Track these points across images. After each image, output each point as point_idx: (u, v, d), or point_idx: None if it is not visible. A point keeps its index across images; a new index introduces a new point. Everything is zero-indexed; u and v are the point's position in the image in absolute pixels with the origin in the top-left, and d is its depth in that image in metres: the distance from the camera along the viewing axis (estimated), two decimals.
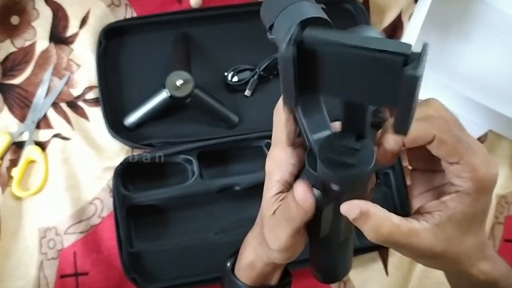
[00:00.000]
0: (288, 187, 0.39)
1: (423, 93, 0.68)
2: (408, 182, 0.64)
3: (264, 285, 0.48)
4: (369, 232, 0.34)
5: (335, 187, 0.34)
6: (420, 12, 0.68)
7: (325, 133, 0.35)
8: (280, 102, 0.38)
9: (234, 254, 0.50)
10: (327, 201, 0.36)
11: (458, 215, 0.35)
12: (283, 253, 0.41)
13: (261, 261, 0.45)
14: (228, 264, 0.50)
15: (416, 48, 0.28)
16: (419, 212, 0.37)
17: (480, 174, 0.35)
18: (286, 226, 0.38)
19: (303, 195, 0.36)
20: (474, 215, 0.36)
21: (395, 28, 0.71)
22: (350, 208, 0.34)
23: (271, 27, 0.36)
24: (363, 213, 0.34)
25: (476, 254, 0.38)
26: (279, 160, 0.38)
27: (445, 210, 0.36)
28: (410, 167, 0.42)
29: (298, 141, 0.39)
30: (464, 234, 0.36)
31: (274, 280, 0.48)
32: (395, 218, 0.35)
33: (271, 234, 0.40)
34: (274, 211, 0.39)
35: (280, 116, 0.38)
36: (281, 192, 0.39)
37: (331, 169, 0.32)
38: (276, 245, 0.40)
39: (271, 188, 0.39)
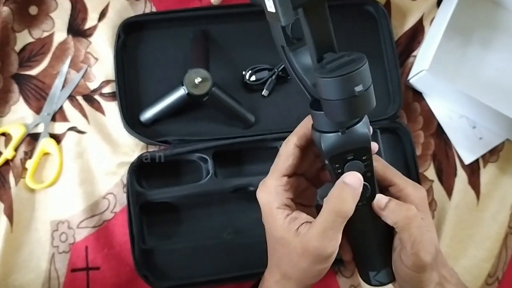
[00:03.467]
0: (290, 211, 0.43)
1: (443, 101, 0.67)
2: None
3: None
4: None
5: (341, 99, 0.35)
6: (442, 17, 0.67)
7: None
8: (292, 135, 0.44)
9: None
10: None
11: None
12: (331, 258, 0.42)
13: None
14: None
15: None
16: None
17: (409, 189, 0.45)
18: (336, 222, 0.40)
19: (355, 178, 0.40)
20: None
21: (416, 33, 0.70)
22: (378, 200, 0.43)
23: None
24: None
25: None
26: (274, 189, 0.43)
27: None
28: None
29: (294, 172, 0.44)
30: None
31: None
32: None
33: (319, 243, 0.40)
34: (297, 228, 0.42)
35: (288, 148, 0.43)
36: (287, 215, 0.42)
37: (337, 74, 0.34)
38: (330, 248, 0.41)
39: (276, 215, 0.42)
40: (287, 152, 0.43)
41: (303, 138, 0.43)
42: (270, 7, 0.34)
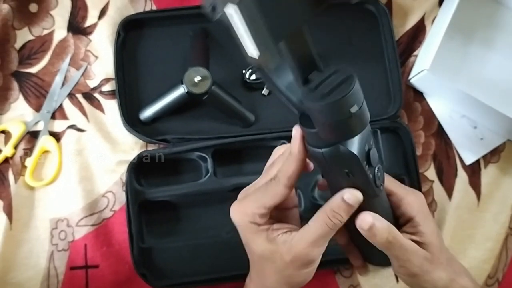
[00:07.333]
0: (270, 224, 0.43)
1: (444, 101, 0.67)
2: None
3: None
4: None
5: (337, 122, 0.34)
6: (444, 17, 0.66)
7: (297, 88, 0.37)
8: (281, 173, 0.41)
9: None
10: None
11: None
12: (316, 261, 0.43)
13: None
14: None
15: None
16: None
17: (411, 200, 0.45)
18: (329, 233, 0.41)
19: (353, 196, 0.40)
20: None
21: (418, 32, 0.70)
22: (362, 220, 0.41)
23: None
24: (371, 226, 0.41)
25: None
26: (252, 215, 0.42)
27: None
28: None
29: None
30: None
31: None
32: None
33: (310, 249, 0.41)
34: (279, 236, 0.42)
35: (277, 188, 0.41)
36: (268, 228, 0.43)
37: (329, 98, 0.33)
38: (317, 253, 0.42)
39: (257, 231, 0.42)
40: (275, 191, 0.41)
41: (293, 177, 0.41)
42: (252, 53, 0.29)
